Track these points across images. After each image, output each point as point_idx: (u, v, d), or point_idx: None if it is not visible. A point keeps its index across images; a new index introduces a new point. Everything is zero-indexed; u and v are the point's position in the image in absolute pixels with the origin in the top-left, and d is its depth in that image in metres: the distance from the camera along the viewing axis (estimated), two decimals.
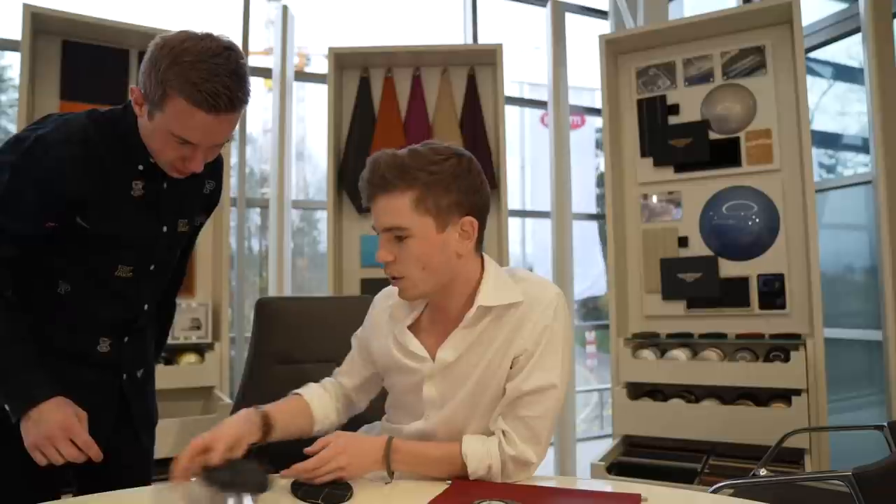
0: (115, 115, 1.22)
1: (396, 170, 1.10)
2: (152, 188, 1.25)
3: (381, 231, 1.14)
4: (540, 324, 1.14)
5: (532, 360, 1.13)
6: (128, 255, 1.26)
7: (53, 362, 1.20)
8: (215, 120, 1.09)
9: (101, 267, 1.24)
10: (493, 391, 1.16)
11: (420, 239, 1.11)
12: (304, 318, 1.79)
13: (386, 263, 1.14)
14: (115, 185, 1.21)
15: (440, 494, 1.05)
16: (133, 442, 1.37)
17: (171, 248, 1.35)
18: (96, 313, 1.27)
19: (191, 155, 1.15)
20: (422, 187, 1.10)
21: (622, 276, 3.02)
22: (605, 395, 5.37)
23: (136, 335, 1.35)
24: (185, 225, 1.35)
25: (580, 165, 5.32)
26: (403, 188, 1.10)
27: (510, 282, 1.18)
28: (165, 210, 1.29)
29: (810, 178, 2.60)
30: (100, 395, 1.28)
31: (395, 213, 1.10)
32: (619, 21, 3.82)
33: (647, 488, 1.07)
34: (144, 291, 1.32)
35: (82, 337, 1.27)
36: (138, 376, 1.37)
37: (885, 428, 1.83)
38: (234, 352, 3.12)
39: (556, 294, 1.17)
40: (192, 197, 1.36)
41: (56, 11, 2.55)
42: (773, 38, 2.81)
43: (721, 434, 2.58)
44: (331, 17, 4.97)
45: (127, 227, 1.23)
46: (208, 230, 2.90)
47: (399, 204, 1.10)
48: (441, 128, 3.15)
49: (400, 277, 1.14)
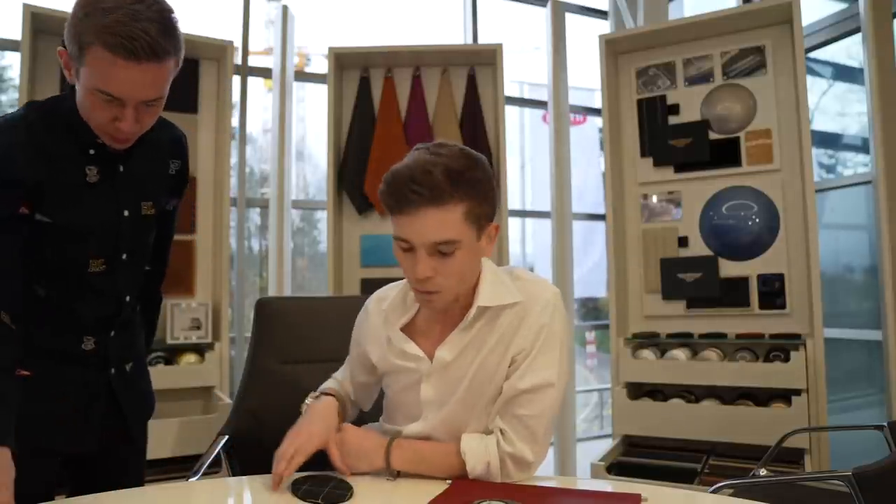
0: (55, 100, 1.18)
1: (450, 179, 1.01)
2: (108, 172, 1.21)
3: (422, 245, 1.04)
4: (537, 323, 1.14)
5: (529, 358, 1.13)
6: (95, 246, 1.21)
7: (36, 362, 1.19)
8: (137, 69, 1.02)
9: (74, 264, 1.21)
10: (491, 391, 1.16)
11: (465, 250, 1.06)
12: (304, 318, 1.79)
13: (424, 279, 1.06)
14: (67, 173, 1.16)
15: (440, 494, 1.05)
16: (125, 436, 1.35)
17: (140, 234, 1.30)
18: (77, 313, 1.24)
19: (120, 114, 1.08)
20: (473, 197, 1.04)
21: (622, 276, 3.02)
22: (605, 395, 5.37)
23: (122, 329, 1.32)
24: (151, 208, 1.30)
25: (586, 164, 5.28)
26: (457, 199, 1.02)
27: (508, 281, 1.18)
28: (124, 193, 1.24)
29: (810, 178, 2.60)
30: (87, 391, 1.26)
31: (449, 226, 1.03)
32: (619, 21, 3.82)
33: (647, 488, 1.07)
34: (121, 283, 1.27)
35: (66, 337, 1.24)
36: (127, 370, 1.35)
37: (885, 428, 1.83)
38: (234, 352, 3.12)
39: (553, 293, 1.17)
40: (155, 178, 1.31)
41: (56, 11, 2.55)
42: (773, 38, 2.81)
43: (721, 434, 2.58)
44: (331, 17, 4.97)
45: (86, 214, 1.19)
46: (208, 230, 2.91)
47: (452, 217, 1.02)
48: (441, 128, 3.15)
49: (436, 291, 1.08)
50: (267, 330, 1.74)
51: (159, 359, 2.70)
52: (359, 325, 1.32)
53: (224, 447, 1.55)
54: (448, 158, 1.04)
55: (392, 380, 1.25)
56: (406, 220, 1.04)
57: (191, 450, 2.48)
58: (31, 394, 1.17)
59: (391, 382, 1.26)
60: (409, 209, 1.03)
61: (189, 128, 2.86)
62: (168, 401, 2.66)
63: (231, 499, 1.20)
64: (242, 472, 1.54)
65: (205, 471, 1.42)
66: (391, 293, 1.27)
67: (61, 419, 1.23)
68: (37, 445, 1.18)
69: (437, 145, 1.08)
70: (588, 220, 4.46)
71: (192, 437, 2.49)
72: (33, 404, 1.17)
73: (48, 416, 1.21)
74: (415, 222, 1.03)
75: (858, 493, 1.22)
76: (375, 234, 3.14)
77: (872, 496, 1.21)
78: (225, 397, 2.67)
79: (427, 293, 1.09)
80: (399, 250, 1.09)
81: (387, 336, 1.23)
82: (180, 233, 2.83)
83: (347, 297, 2.84)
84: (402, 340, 1.20)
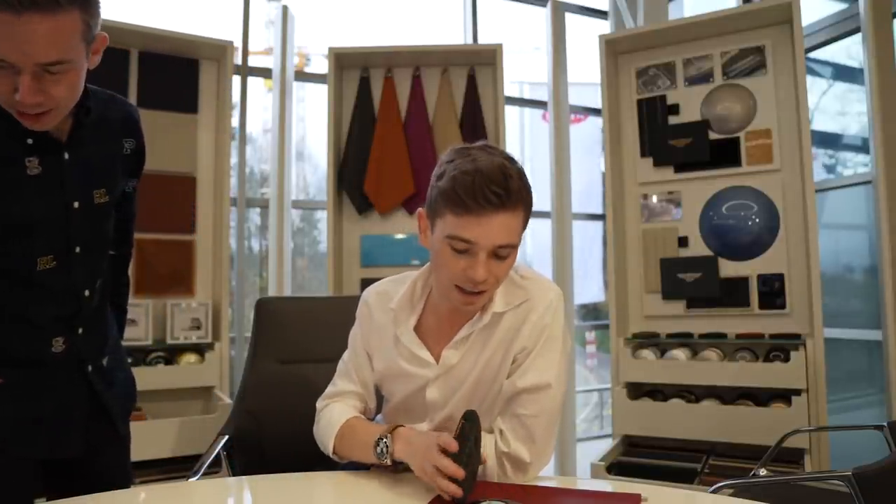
0: None
1: (523, 185, 1.05)
2: (51, 162, 1.10)
3: (488, 248, 1.03)
4: (539, 324, 1.14)
5: (529, 357, 1.14)
6: (41, 243, 1.12)
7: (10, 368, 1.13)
8: (18, 21, 0.88)
9: (19, 263, 1.11)
10: (495, 390, 1.16)
11: (510, 260, 1.08)
12: (304, 318, 1.79)
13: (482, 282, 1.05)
14: (5, 167, 1.06)
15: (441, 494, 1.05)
16: (110, 432, 1.29)
17: (95, 224, 1.20)
18: (32, 315, 1.14)
19: (18, 80, 0.94)
20: (530, 204, 1.08)
21: (622, 276, 3.02)
22: (605, 395, 5.37)
23: (91, 325, 1.23)
24: (104, 195, 1.19)
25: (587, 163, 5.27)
26: (522, 205, 1.05)
27: (517, 279, 1.18)
28: (71, 184, 1.13)
29: (810, 178, 2.60)
30: (68, 394, 1.20)
31: (514, 231, 1.05)
32: (619, 21, 3.82)
33: (647, 488, 1.07)
34: (76, 278, 1.18)
35: (30, 341, 1.16)
36: (104, 364, 1.28)
37: (885, 428, 1.83)
38: (234, 352, 3.12)
39: (556, 294, 1.17)
40: (108, 162, 1.21)
41: None
42: (773, 38, 2.81)
43: (721, 434, 2.58)
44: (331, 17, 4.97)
45: (28, 209, 1.08)
46: (208, 230, 2.91)
47: (516, 222, 1.05)
48: (441, 128, 3.15)
49: (483, 293, 1.08)
50: (267, 330, 1.74)
51: (159, 359, 2.69)
52: (361, 322, 1.29)
53: (224, 447, 1.54)
54: (515, 164, 1.06)
55: (396, 386, 1.23)
56: (475, 221, 1.01)
57: (191, 450, 2.47)
58: (7, 400, 1.13)
59: (395, 389, 1.24)
60: (483, 211, 1.01)
61: (189, 128, 2.91)
62: (168, 401, 2.66)
63: (231, 499, 1.20)
64: (242, 472, 1.55)
65: (205, 471, 1.42)
66: (395, 289, 1.24)
67: (41, 424, 1.17)
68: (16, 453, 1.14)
69: (495, 148, 1.08)
70: (589, 220, 4.46)
71: (192, 437, 2.49)
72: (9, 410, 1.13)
73: (26, 423, 1.15)
74: (486, 224, 1.01)
75: (858, 493, 1.22)
76: (375, 234, 3.14)
77: (872, 496, 1.21)
78: (225, 397, 2.67)
79: (475, 294, 1.08)
80: (450, 250, 1.05)
81: (394, 336, 1.21)
82: (180, 233, 2.85)
83: (347, 297, 2.83)
84: (415, 343, 1.19)
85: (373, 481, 1.13)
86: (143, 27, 2.70)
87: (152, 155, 1.37)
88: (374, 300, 1.27)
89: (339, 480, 1.17)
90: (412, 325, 1.20)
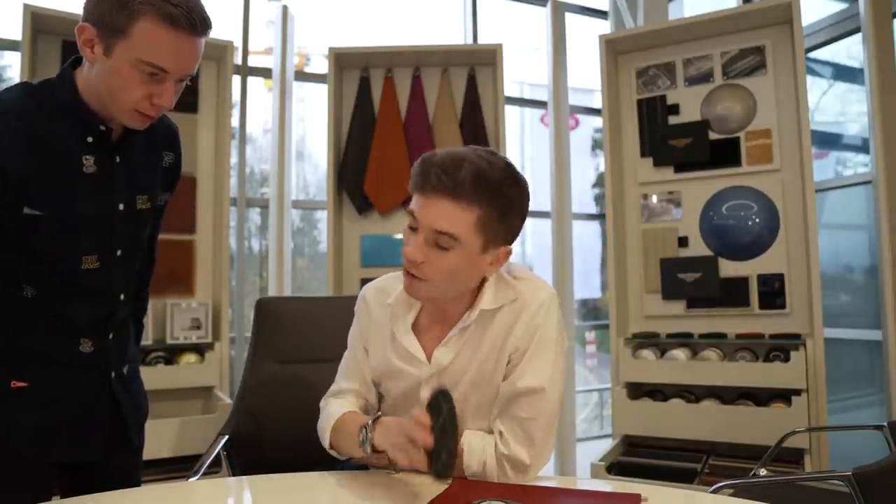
0: (53, 84, 1.10)
1: (477, 181, 1.03)
2: (104, 162, 1.14)
3: (424, 229, 1.06)
4: (532, 324, 1.14)
5: (524, 359, 1.13)
6: (88, 242, 1.14)
7: (33, 368, 1.14)
8: (188, 42, 1.04)
9: (65, 262, 1.13)
10: (490, 391, 1.16)
11: (462, 254, 1.06)
12: (304, 318, 1.79)
13: (413, 261, 1.08)
14: (64, 163, 1.09)
15: (440, 494, 1.05)
16: (125, 440, 1.30)
17: (136, 229, 1.23)
18: (70, 314, 1.16)
19: (159, 90, 1.05)
20: (490, 209, 1.05)
21: (622, 276, 3.02)
22: (605, 395, 5.37)
23: (118, 329, 1.25)
24: (146, 202, 1.23)
25: (580, 165, 5.32)
26: (476, 204, 1.04)
27: (508, 279, 1.18)
28: (120, 185, 1.16)
29: (810, 178, 2.60)
30: (91, 398, 1.21)
31: (455, 222, 1.04)
32: (619, 21, 3.82)
33: (647, 488, 1.07)
34: (116, 281, 1.20)
35: (61, 340, 1.17)
36: (125, 373, 1.29)
37: (885, 428, 1.83)
38: (234, 352, 3.12)
39: (549, 295, 1.16)
40: (150, 170, 1.24)
41: (56, 11, 2.55)
42: (773, 38, 2.81)
43: (721, 434, 2.58)
44: (331, 17, 4.97)
45: (79, 207, 1.11)
46: (208, 230, 2.91)
47: (464, 216, 1.04)
48: (441, 128, 3.15)
49: (421, 279, 1.09)
50: (267, 330, 1.74)
51: (159, 359, 2.70)
52: (359, 318, 1.29)
53: (224, 447, 1.55)
54: (488, 164, 1.05)
55: (391, 384, 1.23)
56: (422, 200, 1.07)
57: (191, 450, 2.48)
58: (30, 404, 1.13)
59: (390, 387, 1.24)
60: (428, 191, 1.06)
61: (189, 128, 2.90)
62: (168, 401, 2.66)
63: (231, 499, 1.20)
64: (242, 472, 1.55)
65: (205, 471, 1.42)
66: (392, 286, 1.24)
67: (62, 426, 1.18)
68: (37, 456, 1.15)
69: (490, 151, 1.09)
70: (586, 220, 4.46)
71: (192, 437, 2.49)
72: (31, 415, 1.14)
73: (48, 426, 1.16)
74: (428, 205, 1.06)
75: (858, 493, 1.22)
76: (375, 234, 3.14)
77: (872, 496, 1.21)
78: (225, 397, 2.67)
79: (410, 276, 1.10)
80: (407, 227, 1.11)
81: (391, 333, 1.21)
82: (180, 233, 2.85)
83: (347, 297, 2.83)
84: (409, 339, 1.19)
85: (373, 481, 1.13)
86: None
87: None
88: (372, 296, 1.27)
89: (339, 480, 1.17)
90: (410, 323, 1.20)
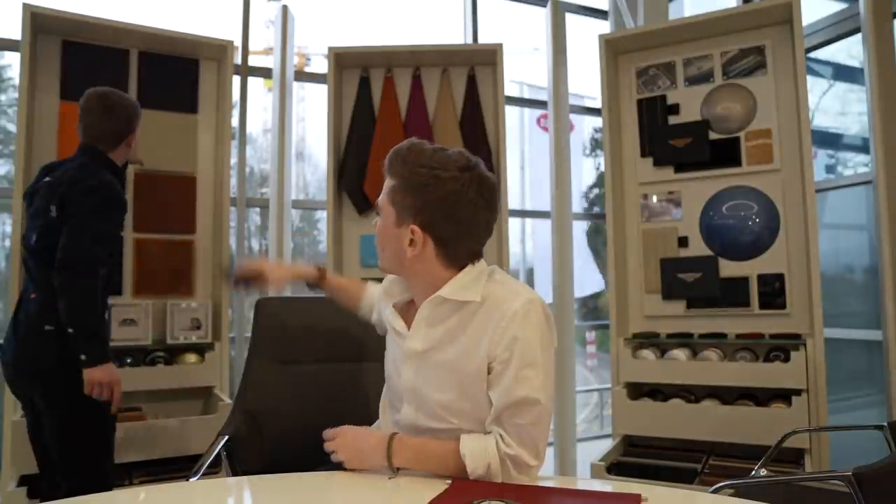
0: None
1: (395, 158, 1.21)
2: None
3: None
4: (508, 332, 1.11)
5: (509, 370, 1.11)
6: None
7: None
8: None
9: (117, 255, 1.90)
10: (469, 378, 1.14)
11: (383, 223, 1.24)
12: (304, 318, 1.79)
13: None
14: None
15: (440, 494, 1.05)
16: None
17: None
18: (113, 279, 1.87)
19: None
20: (399, 181, 1.19)
21: (622, 276, 3.02)
22: (605, 395, 5.38)
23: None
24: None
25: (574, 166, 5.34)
26: (392, 175, 1.22)
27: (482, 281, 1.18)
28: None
29: (810, 178, 2.60)
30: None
31: (382, 192, 1.23)
32: (619, 21, 3.82)
33: (647, 488, 1.07)
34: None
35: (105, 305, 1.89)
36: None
37: (885, 428, 1.83)
38: (234, 352, 3.12)
39: (525, 303, 1.12)
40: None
41: (56, 11, 2.55)
42: (773, 38, 2.81)
43: (721, 434, 2.58)
44: (331, 17, 4.97)
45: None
46: (208, 230, 2.91)
47: (386, 186, 1.23)
48: (441, 128, 3.15)
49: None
50: (267, 330, 1.74)
51: (159, 359, 2.70)
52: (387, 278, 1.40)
53: (224, 447, 1.55)
54: (427, 149, 1.19)
55: (388, 341, 1.33)
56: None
57: (191, 450, 2.48)
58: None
59: (388, 342, 1.33)
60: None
61: (189, 128, 2.91)
62: (168, 401, 2.66)
63: (231, 499, 1.20)
64: (242, 472, 1.55)
65: (205, 471, 1.42)
66: None
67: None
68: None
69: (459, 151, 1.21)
70: (583, 219, 4.47)
71: (192, 437, 2.49)
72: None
73: None
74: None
75: (858, 493, 1.22)
76: (375, 235, 3.13)
77: (872, 496, 1.21)
78: (225, 397, 2.67)
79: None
80: None
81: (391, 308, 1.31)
82: (180, 233, 2.85)
83: None
84: (392, 315, 1.28)
85: (372, 482, 1.13)
86: (143, 27, 2.70)
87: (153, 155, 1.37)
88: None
89: (339, 480, 1.17)
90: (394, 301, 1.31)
